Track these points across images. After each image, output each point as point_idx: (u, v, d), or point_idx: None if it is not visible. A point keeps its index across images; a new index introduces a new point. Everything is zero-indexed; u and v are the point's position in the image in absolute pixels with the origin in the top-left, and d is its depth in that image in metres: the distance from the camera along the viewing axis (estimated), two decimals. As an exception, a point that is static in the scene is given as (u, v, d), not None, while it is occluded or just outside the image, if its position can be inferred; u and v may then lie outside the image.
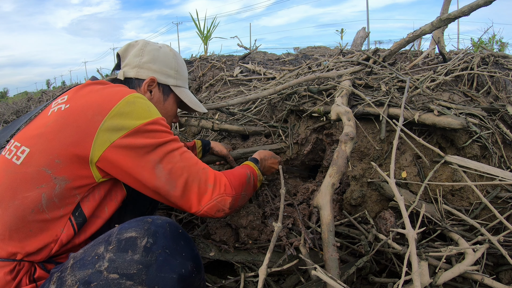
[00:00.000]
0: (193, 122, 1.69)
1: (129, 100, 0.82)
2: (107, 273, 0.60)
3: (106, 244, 0.65)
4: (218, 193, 0.89)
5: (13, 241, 0.73)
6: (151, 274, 0.61)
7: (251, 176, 1.06)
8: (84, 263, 0.63)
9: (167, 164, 0.83)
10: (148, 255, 0.62)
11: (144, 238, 0.64)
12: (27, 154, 0.76)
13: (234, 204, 0.94)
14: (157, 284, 0.61)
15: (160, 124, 0.85)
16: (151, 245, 0.64)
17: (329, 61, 2.03)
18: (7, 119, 4.79)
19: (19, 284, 0.73)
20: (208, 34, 3.76)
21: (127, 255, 0.62)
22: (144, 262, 0.61)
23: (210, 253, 1.17)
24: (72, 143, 0.76)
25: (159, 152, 0.82)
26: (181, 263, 0.66)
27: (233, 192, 0.92)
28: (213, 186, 0.88)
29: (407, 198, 1.13)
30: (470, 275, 0.86)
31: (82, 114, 0.79)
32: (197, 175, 0.87)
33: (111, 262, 0.62)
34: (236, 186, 0.94)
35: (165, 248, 0.65)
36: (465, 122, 1.11)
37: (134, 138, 0.79)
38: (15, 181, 0.75)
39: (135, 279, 0.60)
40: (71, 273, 0.63)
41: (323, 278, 0.71)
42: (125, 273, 0.60)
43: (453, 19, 1.46)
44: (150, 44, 1.05)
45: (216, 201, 0.88)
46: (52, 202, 0.75)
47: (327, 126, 1.52)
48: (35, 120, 0.87)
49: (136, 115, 0.81)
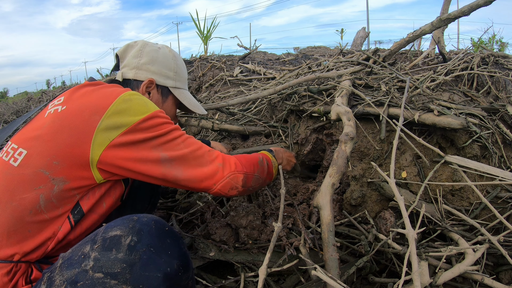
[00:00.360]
0: (193, 122, 1.69)
1: (125, 98, 0.82)
2: (92, 272, 0.60)
3: (92, 243, 0.64)
4: (229, 170, 0.89)
5: (11, 242, 0.73)
6: (135, 273, 0.60)
7: (263, 160, 1.05)
8: (71, 262, 0.63)
9: (171, 151, 0.83)
10: (132, 253, 0.62)
11: (129, 237, 0.63)
12: (25, 156, 0.77)
13: (247, 183, 0.94)
14: (142, 283, 0.60)
15: (159, 117, 0.85)
16: (135, 243, 0.63)
17: (329, 61, 2.03)
18: (7, 119, 4.79)
19: (15, 285, 0.73)
20: (208, 34, 3.76)
21: (111, 254, 0.61)
22: (128, 261, 0.61)
23: (210, 253, 1.17)
24: (70, 144, 0.76)
25: (162, 142, 0.82)
26: (167, 261, 0.65)
27: (244, 169, 0.92)
28: (223, 165, 0.89)
29: (407, 198, 1.13)
30: (470, 275, 0.86)
31: (79, 115, 0.79)
32: (203, 157, 0.87)
33: (96, 261, 0.61)
34: (246, 164, 0.94)
35: (149, 247, 0.64)
36: (465, 122, 1.11)
37: (134, 134, 0.79)
38: (13, 182, 0.75)
39: (119, 278, 0.59)
40: (59, 273, 0.62)
41: (323, 278, 0.71)
42: (109, 272, 0.60)
43: (453, 19, 1.46)
44: (149, 45, 1.04)
45: (229, 178, 0.89)
46: (50, 202, 0.76)
47: (327, 126, 1.52)
48: (32, 122, 0.87)
49: (133, 112, 0.80)
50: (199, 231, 1.28)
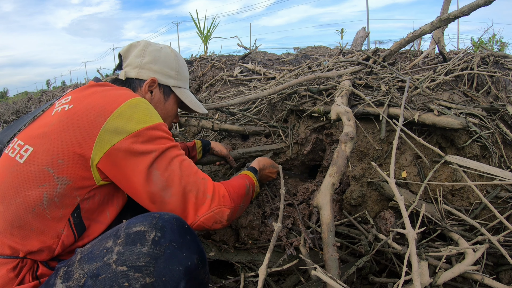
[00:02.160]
0: (193, 122, 1.69)
1: (131, 103, 0.82)
2: (116, 265, 0.62)
3: (115, 238, 0.66)
4: (217, 204, 0.87)
5: (15, 238, 0.74)
6: (159, 266, 0.62)
7: (250, 187, 1.04)
8: (92, 256, 0.65)
9: (165, 171, 0.82)
10: (156, 247, 0.64)
11: (153, 232, 0.66)
12: (30, 153, 0.77)
13: (232, 216, 0.92)
14: (165, 275, 0.62)
15: (161, 130, 0.84)
16: (159, 239, 0.65)
17: (329, 61, 2.03)
18: (7, 119, 4.79)
19: (22, 281, 0.73)
20: (208, 34, 3.76)
21: (135, 248, 0.63)
22: (153, 255, 0.63)
23: (210, 253, 1.17)
24: (74, 143, 0.77)
25: (158, 159, 0.81)
26: (188, 256, 0.67)
27: (232, 203, 0.90)
28: (212, 197, 0.86)
29: (407, 198, 1.13)
30: (470, 275, 0.86)
31: (85, 115, 0.79)
32: (195, 184, 0.85)
33: (119, 255, 0.63)
34: (235, 197, 0.93)
35: (172, 242, 0.66)
36: (465, 122, 1.11)
37: (134, 143, 0.79)
38: (18, 179, 0.75)
39: (143, 271, 0.61)
40: (78, 267, 0.64)
41: (323, 278, 0.71)
42: (133, 265, 0.62)
43: (453, 19, 1.46)
44: (152, 45, 1.05)
45: (213, 212, 0.86)
46: (53, 201, 0.76)
47: (327, 126, 1.52)
48: (38, 119, 0.87)
49: (137, 119, 0.81)
50: (199, 231, 1.28)
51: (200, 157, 1.49)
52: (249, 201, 1.06)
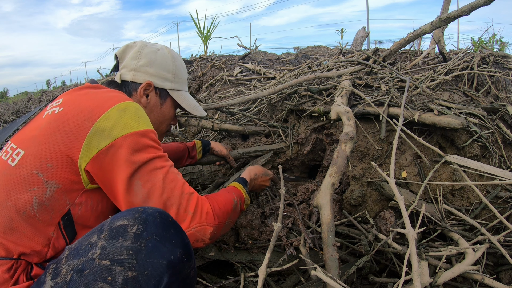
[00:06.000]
0: (193, 122, 1.68)
1: (120, 107, 0.81)
2: (99, 260, 0.61)
3: (99, 233, 0.66)
4: (198, 221, 0.83)
5: (8, 240, 0.74)
6: (141, 260, 0.62)
7: (237, 202, 1.00)
8: (78, 252, 0.65)
9: (147, 182, 0.80)
10: (138, 241, 0.63)
11: (135, 225, 0.65)
12: (22, 156, 0.77)
13: (216, 234, 0.88)
14: (147, 269, 0.62)
15: (148, 138, 0.82)
16: (141, 232, 0.65)
17: (329, 61, 2.03)
18: (7, 119, 4.79)
19: (16, 281, 0.74)
20: (208, 34, 3.76)
21: (118, 242, 0.63)
22: (134, 248, 0.62)
23: (210, 253, 1.17)
24: (63, 147, 0.77)
25: (141, 168, 0.79)
26: (170, 249, 0.66)
27: (216, 221, 0.86)
28: (193, 213, 0.83)
29: (407, 198, 1.13)
30: (470, 275, 0.86)
31: (73, 119, 0.78)
32: (177, 199, 0.82)
33: (102, 249, 0.63)
34: (220, 214, 0.89)
35: (154, 235, 0.66)
36: (465, 122, 1.11)
37: (119, 148, 0.78)
38: (9, 182, 0.76)
39: (125, 265, 0.61)
40: (65, 263, 0.64)
41: (323, 278, 0.71)
42: (116, 259, 0.61)
43: (453, 19, 1.46)
44: (148, 46, 1.02)
45: (194, 230, 0.83)
46: (42, 205, 0.76)
47: (327, 126, 1.52)
48: (31, 122, 0.87)
49: (124, 124, 0.79)
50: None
51: (200, 157, 1.49)
52: (237, 216, 1.02)
